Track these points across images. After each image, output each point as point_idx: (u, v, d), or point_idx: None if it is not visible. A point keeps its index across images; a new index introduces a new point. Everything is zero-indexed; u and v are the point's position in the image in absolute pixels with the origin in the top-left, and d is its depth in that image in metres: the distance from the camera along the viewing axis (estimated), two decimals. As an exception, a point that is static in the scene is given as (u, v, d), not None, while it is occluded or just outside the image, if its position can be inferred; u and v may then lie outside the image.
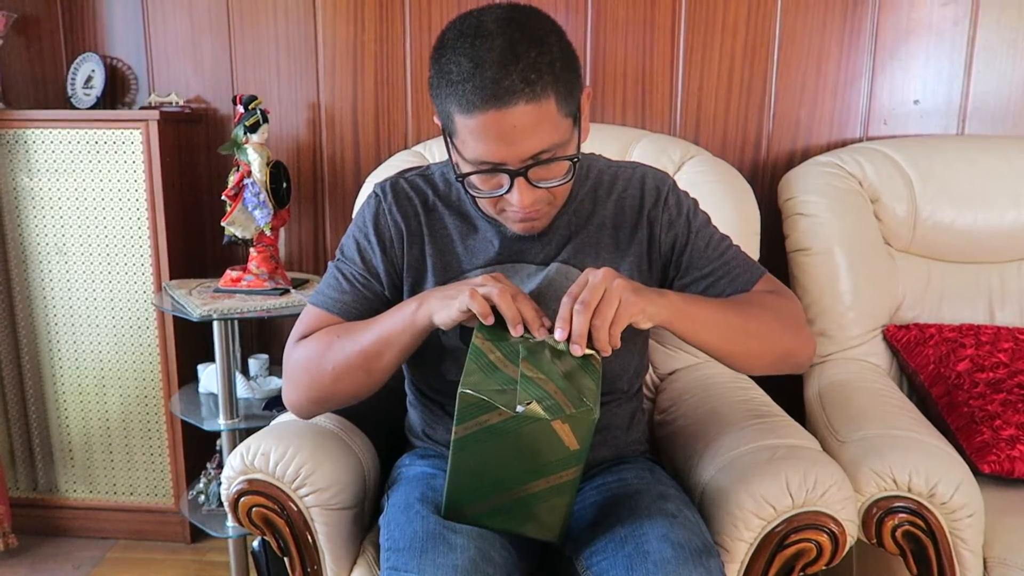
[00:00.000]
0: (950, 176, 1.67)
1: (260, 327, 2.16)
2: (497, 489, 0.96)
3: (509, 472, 0.94)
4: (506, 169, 0.97)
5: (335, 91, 2.01)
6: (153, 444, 2.05)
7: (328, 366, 1.07)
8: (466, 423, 0.91)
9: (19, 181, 1.94)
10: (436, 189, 1.18)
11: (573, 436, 0.90)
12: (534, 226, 1.08)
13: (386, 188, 1.17)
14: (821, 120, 1.91)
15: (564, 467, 0.93)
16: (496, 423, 0.90)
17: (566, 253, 1.14)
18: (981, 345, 1.55)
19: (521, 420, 0.89)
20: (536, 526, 1.00)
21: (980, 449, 1.39)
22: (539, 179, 0.99)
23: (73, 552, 2.07)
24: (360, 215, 1.18)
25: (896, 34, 1.85)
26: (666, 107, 1.94)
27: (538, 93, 0.92)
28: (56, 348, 2.02)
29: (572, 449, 0.91)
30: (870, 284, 1.65)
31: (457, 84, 0.93)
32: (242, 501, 1.14)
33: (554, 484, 0.94)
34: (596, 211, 1.16)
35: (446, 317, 0.98)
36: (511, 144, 0.94)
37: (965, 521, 1.18)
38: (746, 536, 1.09)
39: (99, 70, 2.00)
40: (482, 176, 1.00)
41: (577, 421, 0.89)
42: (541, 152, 0.96)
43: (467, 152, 0.98)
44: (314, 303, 1.15)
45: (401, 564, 0.97)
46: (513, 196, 0.99)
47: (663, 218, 1.15)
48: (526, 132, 0.94)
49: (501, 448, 0.92)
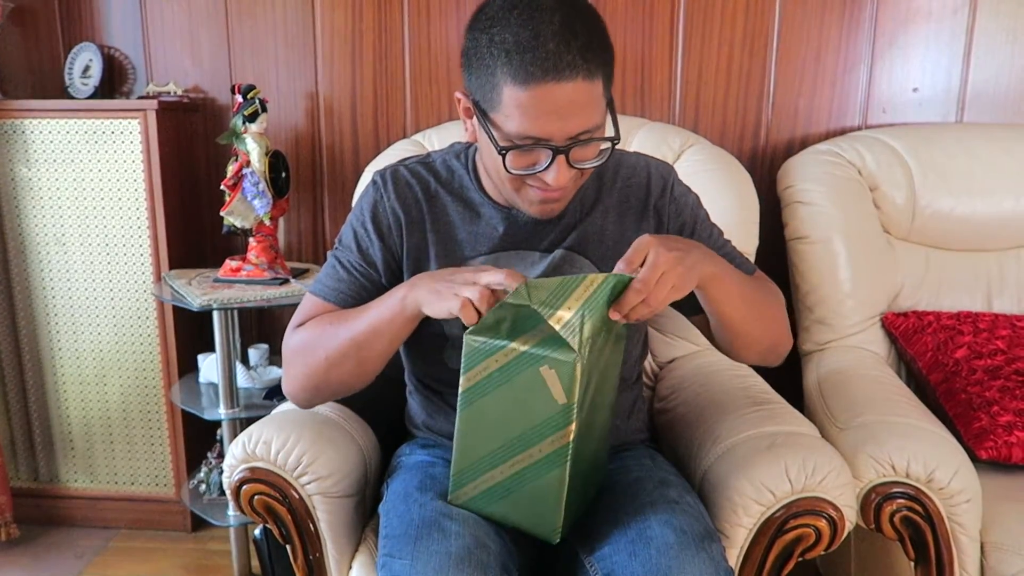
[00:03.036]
0: (949, 164, 1.67)
1: (260, 316, 2.16)
2: (497, 459, 0.98)
3: (507, 434, 0.97)
4: (550, 145, 0.96)
5: (333, 80, 2.01)
6: (154, 434, 2.05)
7: (321, 354, 1.07)
8: (471, 371, 0.95)
9: (17, 171, 1.94)
10: (438, 176, 1.17)
11: (560, 386, 0.92)
12: (553, 208, 1.07)
13: (386, 176, 1.17)
14: (820, 108, 1.91)
15: (554, 428, 0.94)
16: (494, 370, 0.94)
17: (571, 240, 1.14)
18: (979, 332, 1.56)
19: (515, 365, 0.92)
20: (531, 516, 1.00)
21: (978, 435, 1.40)
22: (577, 159, 0.99)
23: (75, 541, 2.07)
24: (359, 204, 1.18)
25: (895, 22, 1.85)
26: (665, 95, 1.93)
27: (592, 72, 0.93)
28: (56, 338, 2.02)
29: (560, 403, 0.93)
30: (869, 272, 1.66)
31: (513, 54, 0.91)
32: (244, 489, 1.15)
33: (546, 452, 0.96)
34: (600, 198, 1.16)
35: (436, 311, 0.97)
36: (561, 120, 0.94)
37: (963, 506, 1.19)
38: (746, 522, 1.10)
39: (97, 59, 2.00)
40: (520, 155, 0.98)
41: (562, 367, 0.90)
42: (585, 131, 0.96)
43: (510, 126, 0.95)
44: (312, 292, 1.15)
45: (396, 551, 0.98)
46: (550, 174, 0.98)
47: (670, 208, 1.17)
48: (577, 109, 0.94)
49: (500, 402, 0.95)
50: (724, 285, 1.03)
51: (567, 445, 0.95)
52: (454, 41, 1.95)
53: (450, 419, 1.21)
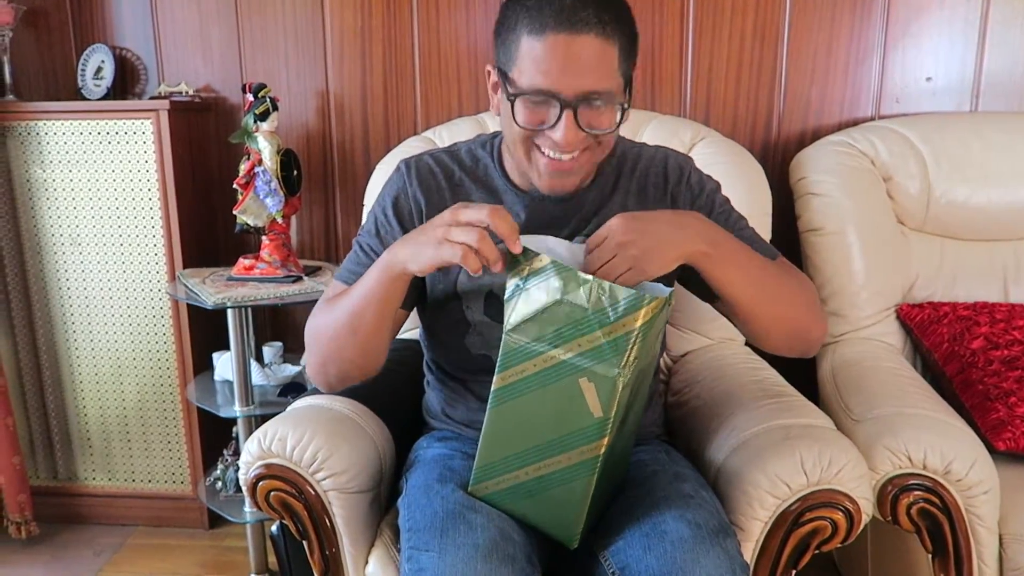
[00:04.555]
0: (963, 153, 1.66)
1: (273, 314, 2.17)
2: (523, 460, 0.97)
3: (536, 438, 0.95)
4: (559, 98, 0.98)
5: (344, 78, 2.01)
6: (170, 431, 2.07)
7: (325, 331, 1.10)
8: (507, 371, 0.94)
9: (32, 173, 1.95)
10: (462, 164, 1.19)
11: (597, 400, 0.91)
12: (564, 185, 1.08)
13: (410, 163, 1.20)
14: (832, 99, 1.90)
15: (587, 439, 0.93)
16: (531, 374, 0.92)
17: (591, 228, 1.14)
18: (996, 323, 1.54)
19: (553, 372, 0.91)
20: (553, 519, 1.00)
21: (995, 426, 1.39)
22: (587, 123, 1.00)
23: (93, 539, 2.09)
24: (383, 191, 1.21)
25: (908, 11, 1.83)
26: (676, 89, 1.93)
27: (607, 34, 0.97)
28: (72, 338, 2.04)
29: (596, 416, 0.92)
30: (883, 263, 1.64)
31: (532, 8, 0.98)
32: (260, 485, 1.16)
33: (575, 461, 0.95)
34: (620, 186, 1.17)
35: (423, 264, 0.97)
36: (571, 74, 0.97)
37: (980, 498, 1.19)
38: (761, 515, 1.10)
39: (109, 61, 2.01)
40: (529, 108, 1.01)
41: (603, 382, 0.90)
42: (595, 92, 0.98)
43: (523, 79, 0.99)
44: (336, 277, 1.19)
45: (422, 544, 0.98)
46: (558, 130, 0.99)
47: (685, 196, 1.17)
48: (588, 65, 0.97)
49: (533, 405, 0.94)
50: (721, 265, 1.01)
51: (597, 457, 0.94)
52: (463, 38, 1.95)
53: (470, 407, 1.21)
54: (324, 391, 1.21)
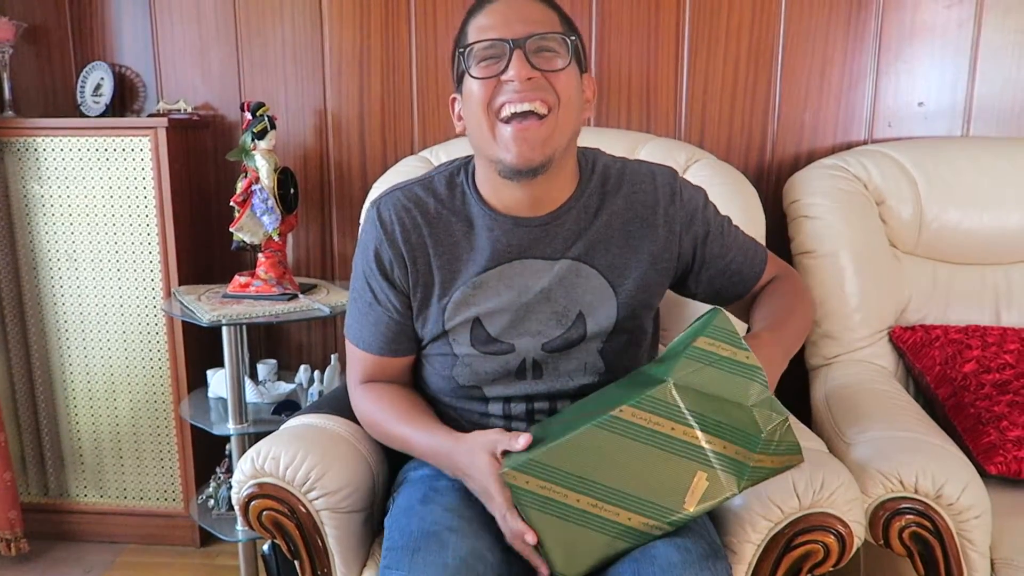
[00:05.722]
0: (955, 178, 1.67)
1: (268, 332, 2.17)
2: (584, 488, 0.94)
3: (615, 481, 0.93)
4: (505, 40, 1.04)
5: (342, 97, 2.03)
6: (163, 449, 2.06)
7: (374, 430, 1.24)
8: (640, 411, 0.91)
9: (29, 188, 1.96)
10: (438, 195, 1.18)
11: (699, 497, 0.91)
12: (532, 153, 1.05)
13: (382, 209, 1.18)
14: (826, 123, 1.92)
15: (659, 517, 0.94)
16: (661, 432, 0.91)
17: (577, 249, 1.14)
18: (987, 346, 1.55)
19: (680, 447, 0.90)
20: (564, 547, 0.97)
21: (987, 450, 1.39)
22: (538, 62, 1.04)
23: (84, 556, 2.08)
24: (362, 241, 1.20)
25: (900, 36, 1.86)
26: (671, 111, 1.94)
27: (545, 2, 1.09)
28: (66, 353, 2.03)
29: (684, 509, 0.93)
30: (876, 286, 1.65)
31: (474, 2, 1.10)
32: (252, 504, 1.15)
33: (631, 525, 0.94)
34: (605, 206, 1.17)
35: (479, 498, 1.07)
36: (514, 21, 1.05)
37: (972, 522, 1.18)
38: (753, 538, 1.10)
39: (108, 78, 2.02)
40: (482, 68, 1.06)
41: (718, 490, 0.92)
42: (539, 32, 1.05)
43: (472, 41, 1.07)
44: (351, 340, 1.24)
45: (394, 563, 0.98)
46: (511, 69, 1.03)
47: (680, 215, 1.18)
48: (530, 16, 1.06)
49: (638, 454, 0.92)
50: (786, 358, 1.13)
51: (651, 535, 0.95)
52: (461, 58, 1.96)
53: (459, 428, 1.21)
54: None
